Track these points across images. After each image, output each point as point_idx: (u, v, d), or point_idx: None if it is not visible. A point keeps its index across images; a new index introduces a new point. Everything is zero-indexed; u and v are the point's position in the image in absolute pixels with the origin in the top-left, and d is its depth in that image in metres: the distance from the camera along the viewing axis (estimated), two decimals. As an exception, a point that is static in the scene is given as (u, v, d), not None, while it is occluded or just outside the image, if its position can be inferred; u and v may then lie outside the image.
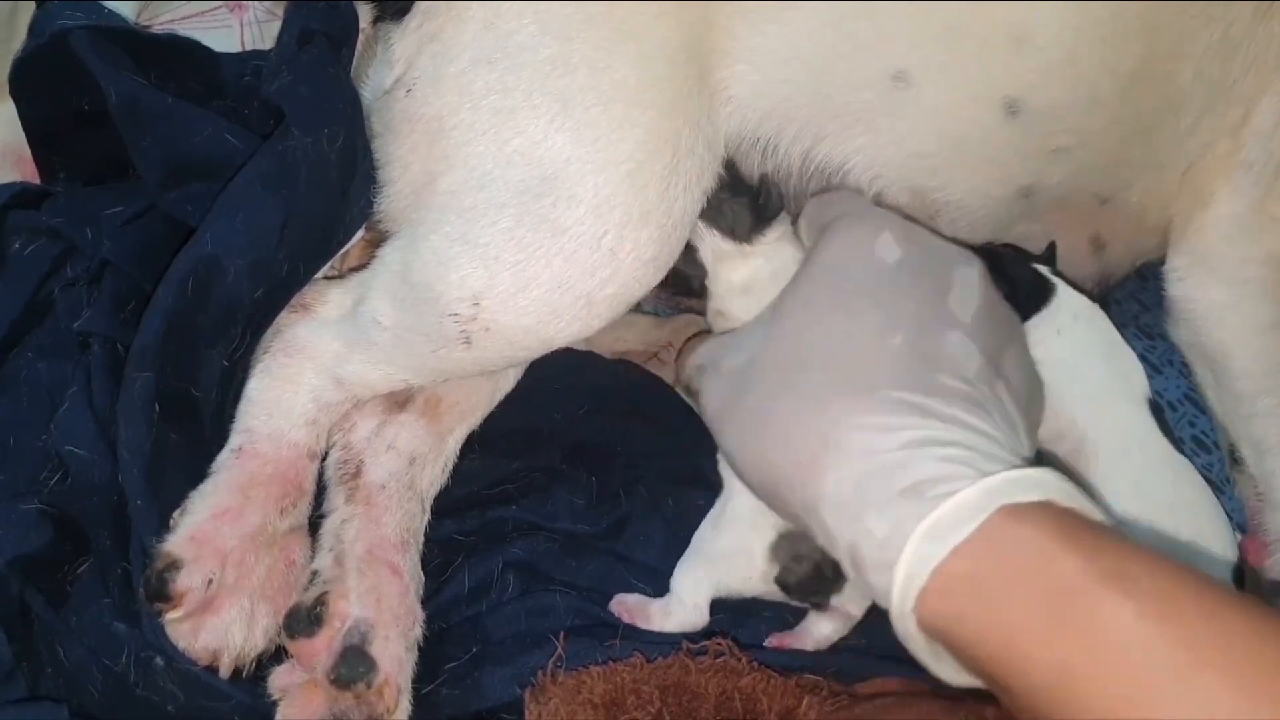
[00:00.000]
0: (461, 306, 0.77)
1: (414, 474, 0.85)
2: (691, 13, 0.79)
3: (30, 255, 0.84)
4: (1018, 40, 0.79)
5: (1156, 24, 0.80)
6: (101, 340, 0.80)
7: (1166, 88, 0.82)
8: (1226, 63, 0.82)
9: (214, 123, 0.83)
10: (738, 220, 0.84)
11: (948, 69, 0.80)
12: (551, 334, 0.78)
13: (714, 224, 0.84)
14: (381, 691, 0.73)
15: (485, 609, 0.82)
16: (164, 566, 0.71)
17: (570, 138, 0.75)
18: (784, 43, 0.80)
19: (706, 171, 0.81)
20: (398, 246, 0.80)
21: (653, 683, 0.73)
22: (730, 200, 0.84)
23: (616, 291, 0.78)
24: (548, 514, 0.88)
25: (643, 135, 0.76)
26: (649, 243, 0.77)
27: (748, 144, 0.85)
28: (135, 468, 0.73)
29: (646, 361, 1.06)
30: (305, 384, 0.81)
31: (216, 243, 0.77)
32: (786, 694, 0.73)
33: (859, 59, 0.80)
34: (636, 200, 0.76)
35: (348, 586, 0.76)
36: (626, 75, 0.76)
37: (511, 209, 0.76)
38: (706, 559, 0.80)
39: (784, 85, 0.82)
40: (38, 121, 0.88)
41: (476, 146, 0.77)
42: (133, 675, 0.71)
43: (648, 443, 0.95)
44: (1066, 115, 0.82)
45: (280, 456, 0.79)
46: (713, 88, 0.81)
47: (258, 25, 0.96)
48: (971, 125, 0.82)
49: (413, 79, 0.81)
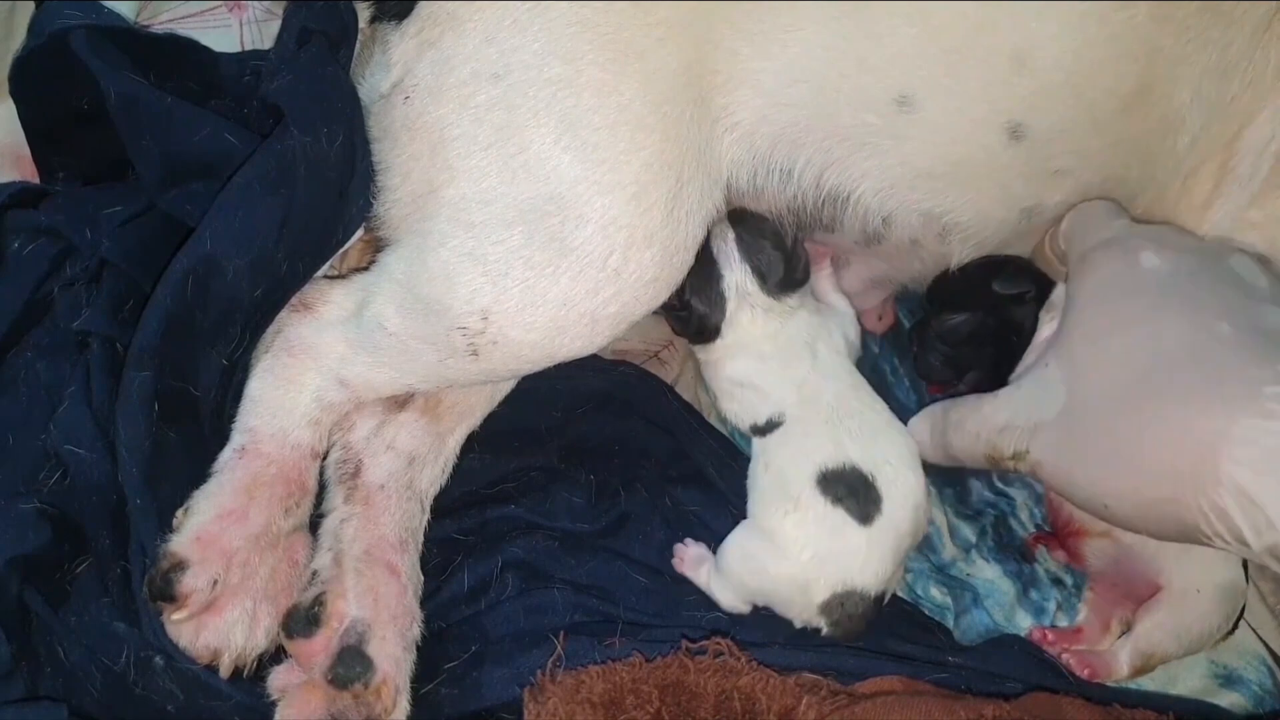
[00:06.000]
0: (470, 320, 0.78)
1: (413, 474, 0.85)
2: (696, 34, 0.80)
3: (29, 255, 0.84)
4: (1019, 63, 0.80)
5: (1156, 47, 0.80)
6: (100, 340, 0.80)
7: (1165, 108, 0.83)
8: (1224, 83, 0.83)
9: (213, 122, 0.83)
10: (771, 267, 0.87)
11: (951, 92, 0.81)
12: (556, 349, 0.80)
13: (749, 260, 0.87)
14: (379, 691, 0.73)
15: (484, 608, 0.82)
16: (169, 567, 0.72)
17: (577, 158, 0.76)
18: (787, 65, 0.81)
19: (708, 197, 0.82)
20: (403, 256, 0.81)
21: (652, 682, 0.73)
22: (770, 249, 0.87)
23: (620, 310, 0.79)
24: (547, 513, 0.88)
25: (649, 158, 0.77)
26: (652, 264, 0.79)
27: (763, 172, 0.85)
28: (134, 467, 0.73)
29: (646, 361, 1.06)
30: (308, 384, 0.81)
31: (215, 242, 0.77)
32: (785, 693, 0.73)
33: (862, 82, 0.81)
34: (642, 222, 0.77)
35: (345, 586, 0.76)
36: (632, 99, 0.77)
37: (520, 227, 0.77)
38: (755, 593, 0.82)
39: (788, 109, 0.82)
40: (37, 121, 0.88)
41: (480, 160, 0.78)
42: (132, 675, 0.71)
43: (647, 442, 0.95)
44: (1067, 137, 0.83)
45: (283, 456, 0.79)
46: (715, 114, 0.82)
47: (257, 25, 0.96)
48: (975, 147, 0.83)
49: (411, 85, 0.81)
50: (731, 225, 0.88)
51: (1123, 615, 0.88)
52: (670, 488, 0.91)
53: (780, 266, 0.87)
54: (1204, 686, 0.88)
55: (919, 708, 0.73)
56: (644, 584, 0.84)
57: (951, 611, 0.90)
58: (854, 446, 0.81)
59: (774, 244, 0.87)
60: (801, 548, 0.78)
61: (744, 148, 0.84)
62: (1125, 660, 0.84)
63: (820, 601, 0.78)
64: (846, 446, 0.81)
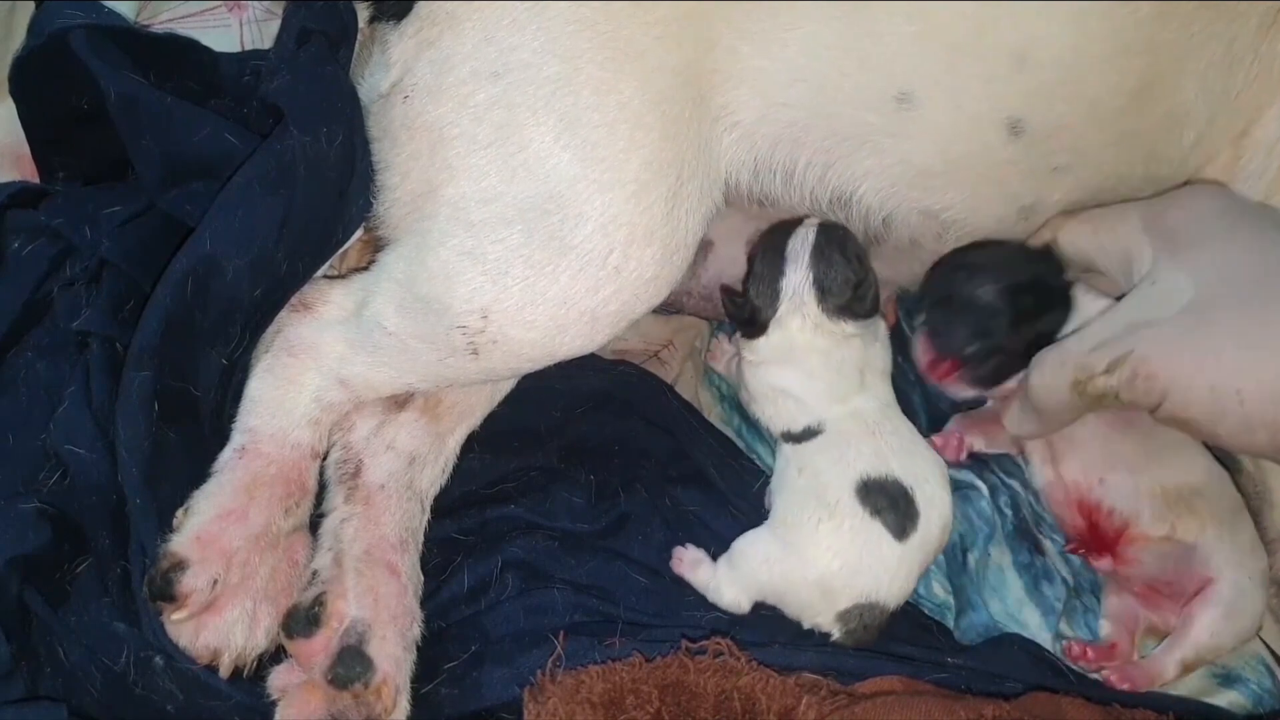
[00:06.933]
0: (470, 319, 0.78)
1: (413, 474, 0.85)
2: (694, 32, 0.80)
3: (29, 255, 0.84)
4: (1019, 60, 0.79)
5: (1158, 42, 0.80)
6: (100, 339, 0.80)
7: (1169, 104, 0.83)
8: (1229, 77, 0.83)
9: (213, 122, 0.83)
10: (836, 287, 0.84)
11: (950, 89, 0.81)
12: (556, 348, 0.80)
13: (815, 269, 0.84)
14: (379, 691, 0.73)
15: (484, 608, 0.82)
16: (169, 567, 0.72)
17: (576, 156, 0.76)
18: (786, 64, 0.81)
19: (708, 195, 0.82)
20: (402, 255, 0.81)
21: (651, 682, 0.73)
22: (843, 268, 0.84)
23: (620, 309, 0.79)
24: (547, 513, 0.88)
25: (648, 156, 0.77)
26: (652, 262, 0.79)
27: (765, 172, 0.85)
28: (134, 467, 0.73)
29: (646, 361, 1.06)
30: (308, 384, 0.81)
31: (215, 242, 0.77)
32: (785, 693, 0.73)
33: (862, 80, 0.81)
34: (642, 220, 0.77)
35: (345, 586, 0.76)
36: (631, 97, 0.77)
37: (520, 225, 0.77)
38: (768, 593, 0.81)
39: (787, 109, 0.82)
40: (37, 121, 0.88)
41: (480, 159, 0.78)
42: (132, 675, 0.71)
43: (646, 442, 0.95)
44: (1068, 134, 0.83)
45: (283, 456, 0.79)
46: (715, 113, 0.82)
47: (256, 25, 0.96)
48: (975, 145, 0.83)
49: (410, 85, 0.81)
50: (817, 229, 0.86)
51: (1146, 623, 0.87)
52: (670, 488, 0.91)
53: (846, 290, 0.84)
54: (1203, 686, 0.87)
55: (919, 708, 0.73)
56: (644, 584, 0.84)
57: (952, 611, 0.90)
58: (895, 461, 0.80)
59: (849, 265, 0.85)
60: (833, 556, 0.78)
61: (744, 147, 0.84)
62: (1173, 663, 0.83)
63: (841, 610, 0.78)
64: (889, 459, 0.80)
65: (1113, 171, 0.85)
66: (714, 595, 0.82)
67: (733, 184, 0.85)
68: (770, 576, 0.80)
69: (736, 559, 0.82)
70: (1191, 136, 0.84)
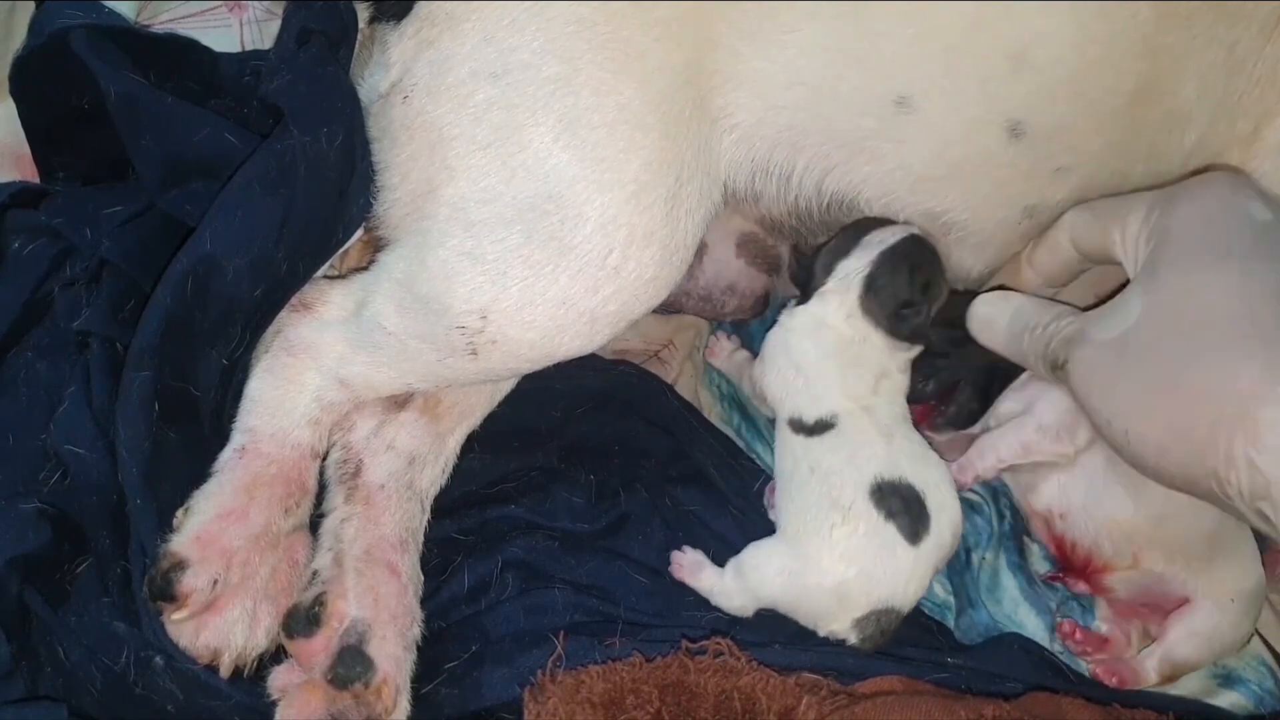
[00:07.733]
0: (469, 319, 0.78)
1: (413, 474, 0.85)
2: (694, 33, 0.79)
3: (29, 255, 0.84)
4: (1018, 61, 0.79)
5: (1159, 43, 0.80)
6: (100, 339, 0.80)
7: (1170, 104, 0.82)
8: (1231, 79, 0.82)
9: (213, 122, 0.83)
10: (883, 295, 0.84)
11: (949, 92, 0.81)
12: (555, 348, 0.80)
13: (875, 268, 0.84)
14: (380, 691, 0.73)
15: (484, 608, 0.82)
16: (169, 566, 0.72)
17: (576, 157, 0.76)
18: (785, 66, 0.81)
19: (707, 196, 0.82)
20: (402, 255, 0.81)
21: (652, 682, 0.73)
22: (904, 285, 0.84)
23: (619, 309, 0.79)
24: (547, 513, 0.88)
25: (647, 157, 0.77)
26: (651, 262, 0.78)
27: (762, 175, 0.85)
28: (134, 467, 0.73)
29: (646, 361, 1.06)
30: (308, 384, 0.81)
31: (215, 242, 0.77)
32: (785, 693, 0.73)
33: (860, 83, 0.81)
34: (641, 220, 0.77)
35: (345, 586, 0.76)
36: (631, 98, 0.77)
37: (519, 226, 0.77)
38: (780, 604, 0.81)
39: (786, 111, 0.82)
40: (37, 121, 0.88)
41: (479, 159, 0.78)
42: (132, 675, 0.71)
43: (646, 442, 0.95)
44: (1069, 135, 0.82)
45: (284, 456, 0.79)
46: (714, 114, 0.82)
47: (257, 25, 0.96)
48: (975, 147, 0.83)
49: (410, 85, 0.81)
50: (904, 237, 0.85)
51: (1141, 625, 0.88)
52: (670, 488, 0.91)
53: (891, 303, 0.84)
54: (1204, 686, 0.88)
55: (919, 708, 0.73)
56: (644, 584, 0.84)
57: (952, 610, 0.90)
58: (907, 464, 0.80)
59: (909, 284, 0.84)
60: (848, 563, 0.77)
61: (743, 149, 0.84)
62: (1153, 669, 0.84)
63: (857, 617, 0.78)
64: (901, 462, 0.80)
65: (1115, 171, 0.85)
66: (719, 601, 0.82)
67: (732, 186, 0.85)
68: (784, 588, 0.79)
69: (747, 570, 0.81)
70: (1193, 137, 0.84)
